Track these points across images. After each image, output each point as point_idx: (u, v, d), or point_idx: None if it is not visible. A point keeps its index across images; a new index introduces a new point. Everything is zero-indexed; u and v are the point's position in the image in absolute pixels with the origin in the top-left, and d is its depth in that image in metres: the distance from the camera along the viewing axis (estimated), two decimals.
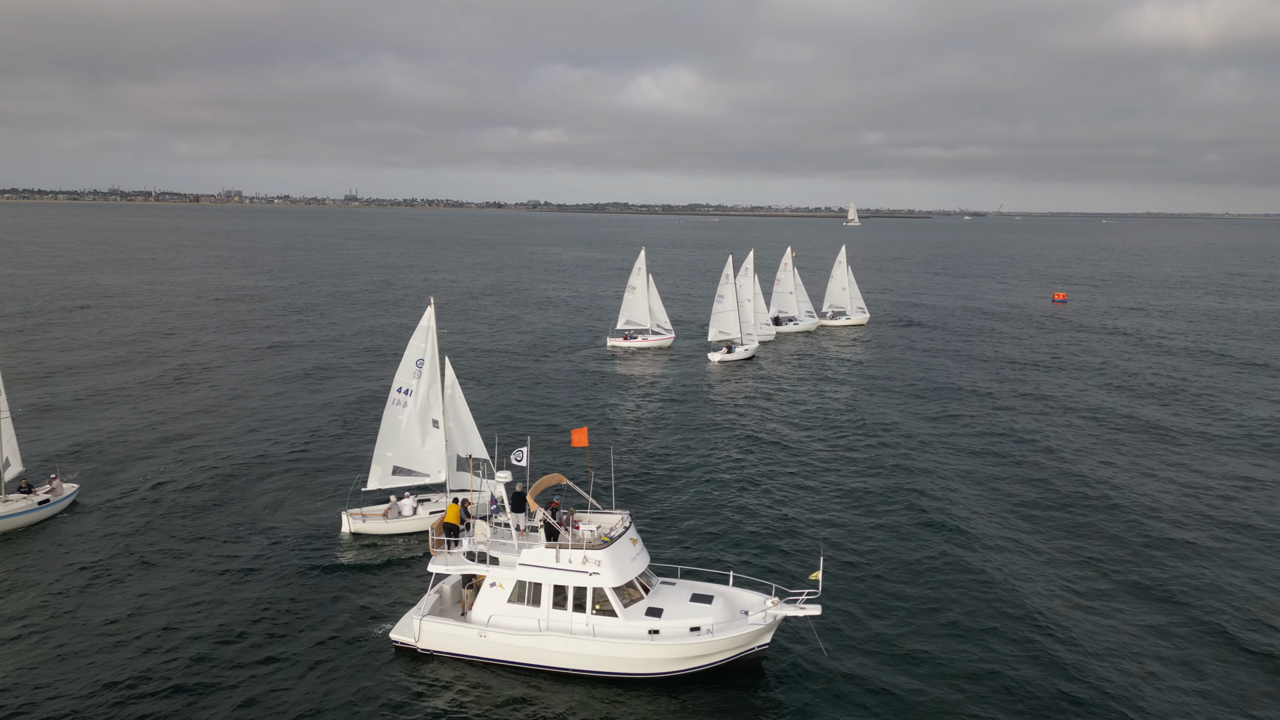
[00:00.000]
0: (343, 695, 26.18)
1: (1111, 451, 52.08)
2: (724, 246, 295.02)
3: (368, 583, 33.71)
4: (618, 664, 26.93)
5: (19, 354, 76.97)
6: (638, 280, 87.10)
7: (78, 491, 41.64)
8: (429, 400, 38.08)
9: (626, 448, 51.51)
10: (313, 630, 29.90)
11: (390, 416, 38.48)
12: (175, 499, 42.12)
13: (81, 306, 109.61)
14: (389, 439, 38.43)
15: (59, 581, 33.44)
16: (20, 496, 38.89)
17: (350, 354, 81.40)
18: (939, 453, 51.33)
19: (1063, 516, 41.46)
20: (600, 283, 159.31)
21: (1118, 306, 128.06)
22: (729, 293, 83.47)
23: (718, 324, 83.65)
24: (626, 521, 29.48)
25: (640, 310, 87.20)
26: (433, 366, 37.99)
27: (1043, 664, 28.18)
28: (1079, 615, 31.55)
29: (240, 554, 35.95)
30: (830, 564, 34.45)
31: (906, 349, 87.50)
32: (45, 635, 29.43)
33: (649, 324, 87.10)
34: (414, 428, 38.14)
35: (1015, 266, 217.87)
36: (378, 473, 38.62)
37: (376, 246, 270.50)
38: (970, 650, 28.97)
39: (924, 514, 41.07)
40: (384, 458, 38.47)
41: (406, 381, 38.11)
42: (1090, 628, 30.64)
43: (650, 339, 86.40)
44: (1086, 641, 29.63)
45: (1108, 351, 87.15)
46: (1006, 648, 29.13)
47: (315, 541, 37.31)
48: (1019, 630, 30.22)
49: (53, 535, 37.73)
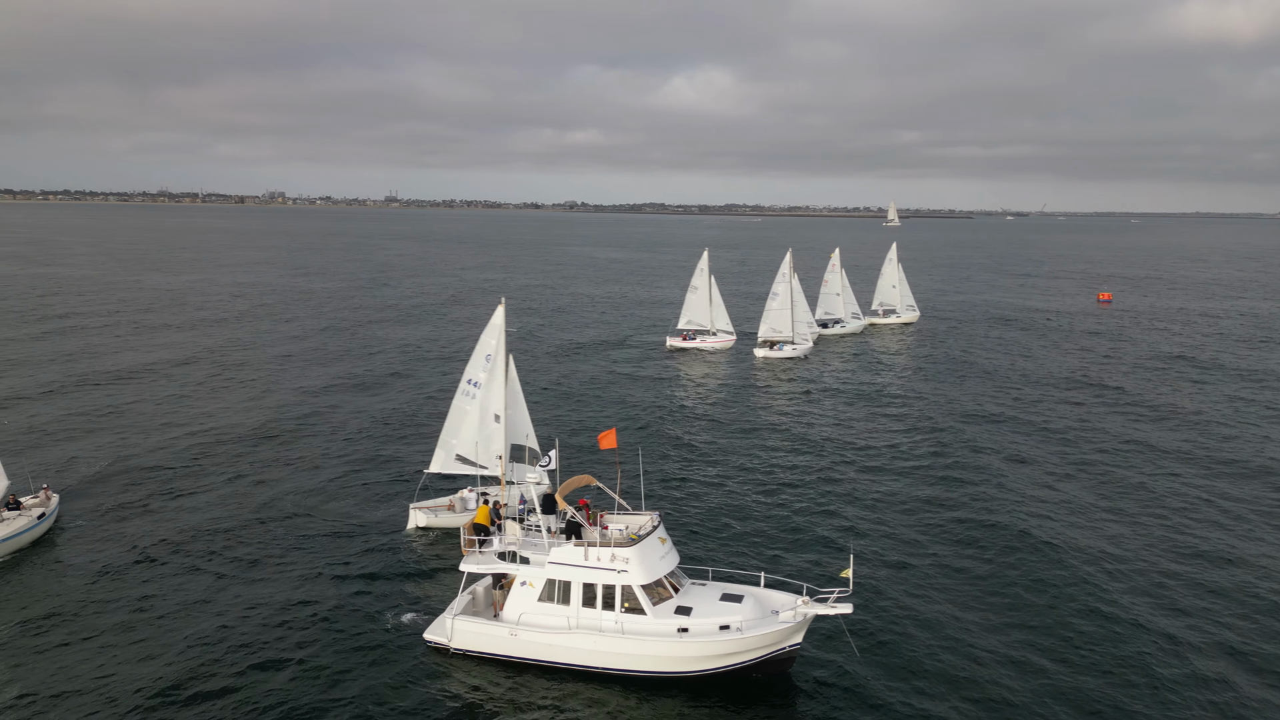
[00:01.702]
0: (376, 693, 26.51)
1: (1161, 457, 51.02)
2: (770, 246, 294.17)
3: (421, 578, 34.17)
4: (647, 662, 26.96)
5: (58, 352, 78.99)
6: (700, 281, 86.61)
7: (59, 502, 39.97)
8: (494, 395, 39.28)
9: (663, 448, 51.54)
10: (363, 625, 30.35)
11: (458, 405, 39.84)
12: (229, 495, 42.95)
13: (145, 307, 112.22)
14: (455, 426, 39.78)
15: (124, 590, 34.23)
16: (14, 514, 36.81)
17: (416, 355, 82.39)
18: (986, 456, 50.60)
19: (1118, 524, 40.66)
20: (651, 284, 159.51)
21: (1166, 307, 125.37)
22: (783, 290, 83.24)
23: (770, 321, 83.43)
24: (655, 521, 29.52)
25: (701, 311, 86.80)
26: (499, 363, 39.10)
27: (1082, 667, 27.71)
28: (1126, 630, 30.96)
29: (307, 549, 36.53)
30: (867, 565, 34.18)
31: (954, 349, 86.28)
32: (120, 636, 30.18)
33: (710, 325, 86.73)
34: (478, 420, 39.50)
35: (1056, 266, 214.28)
36: (440, 457, 39.91)
37: (429, 248, 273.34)
38: (1003, 654, 28.56)
39: (967, 517, 40.56)
40: (448, 444, 39.81)
41: (476, 374, 39.41)
42: (1149, 648, 30.06)
43: (710, 340, 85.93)
44: (1130, 657, 29.07)
45: (1160, 350, 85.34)
46: (1042, 656, 28.68)
47: (379, 537, 38.10)
48: (1054, 634, 29.75)
49: (92, 548, 38.58)
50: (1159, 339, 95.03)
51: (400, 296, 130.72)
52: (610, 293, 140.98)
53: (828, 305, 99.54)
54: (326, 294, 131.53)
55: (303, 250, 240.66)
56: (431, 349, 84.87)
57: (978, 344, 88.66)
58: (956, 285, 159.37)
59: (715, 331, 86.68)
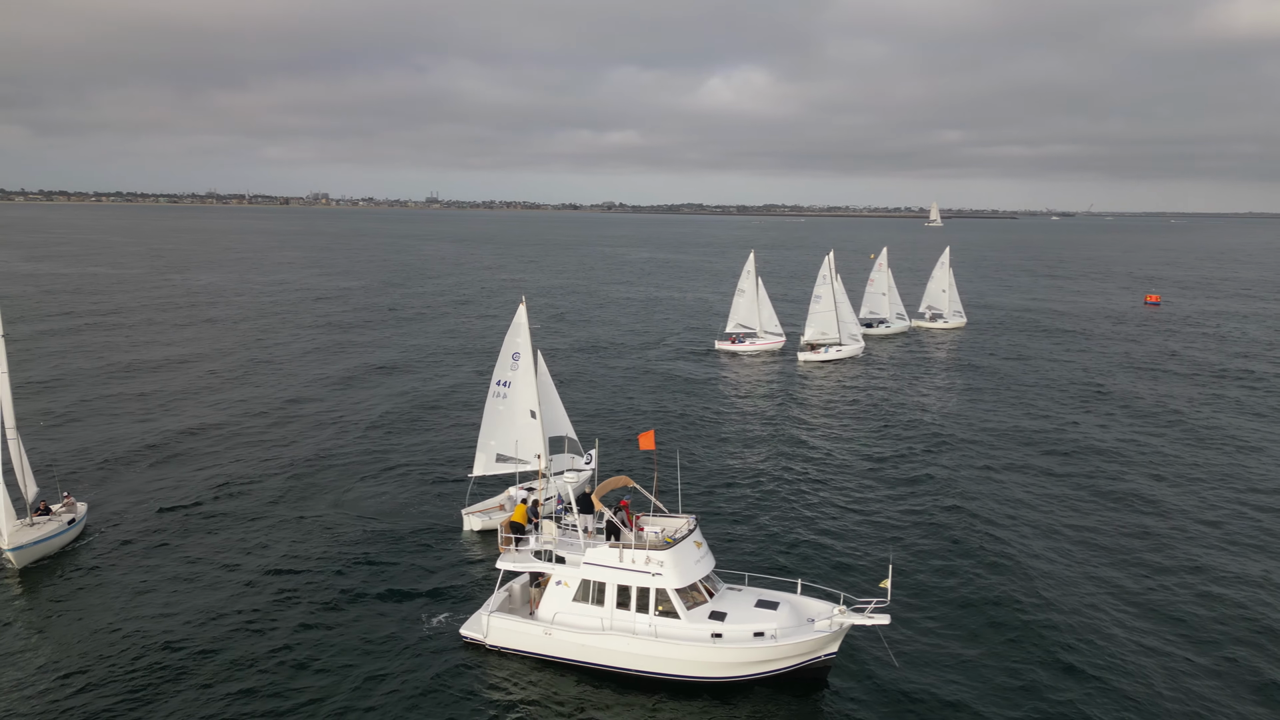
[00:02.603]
0: (412, 687, 26.70)
1: (1229, 481, 49.70)
2: (808, 248, 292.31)
3: (462, 575, 34.44)
4: (680, 666, 26.82)
5: (93, 348, 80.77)
6: (747, 283, 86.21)
7: (88, 510, 39.75)
8: (526, 392, 39.82)
9: (702, 450, 51.33)
10: (402, 619, 30.62)
11: (491, 408, 40.54)
12: (270, 495, 43.63)
13: (185, 306, 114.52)
14: (491, 428, 40.48)
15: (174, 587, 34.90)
16: (44, 519, 37.03)
17: (459, 353, 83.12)
18: (1030, 474, 49.73)
19: (1160, 556, 39.70)
20: (689, 284, 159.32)
21: (1218, 310, 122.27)
22: (826, 292, 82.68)
23: (815, 324, 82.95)
24: (691, 524, 29.37)
25: (749, 313, 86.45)
26: (527, 360, 39.76)
27: (1130, 674, 27.05)
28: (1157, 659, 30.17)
29: (365, 553, 36.96)
30: (908, 579, 33.71)
31: (1004, 359, 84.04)
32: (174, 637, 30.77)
33: (758, 327, 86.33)
34: (513, 418, 40.15)
35: (1103, 267, 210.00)
36: (482, 460, 40.59)
37: (472, 249, 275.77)
38: (1041, 676, 27.99)
39: (998, 535, 39.87)
40: (487, 446, 40.50)
41: (504, 374, 40.12)
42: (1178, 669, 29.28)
43: (759, 342, 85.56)
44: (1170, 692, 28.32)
45: (1216, 359, 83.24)
46: (1084, 684, 28.05)
47: (424, 534, 38.46)
48: (1093, 661, 29.08)
49: (124, 548, 39.33)
50: (1212, 345, 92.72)
51: (441, 291, 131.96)
52: (646, 294, 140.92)
53: (873, 305, 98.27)
54: (366, 294, 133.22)
55: (343, 251, 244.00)
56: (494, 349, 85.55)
57: (1027, 353, 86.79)
58: (1000, 287, 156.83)
59: (763, 333, 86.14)
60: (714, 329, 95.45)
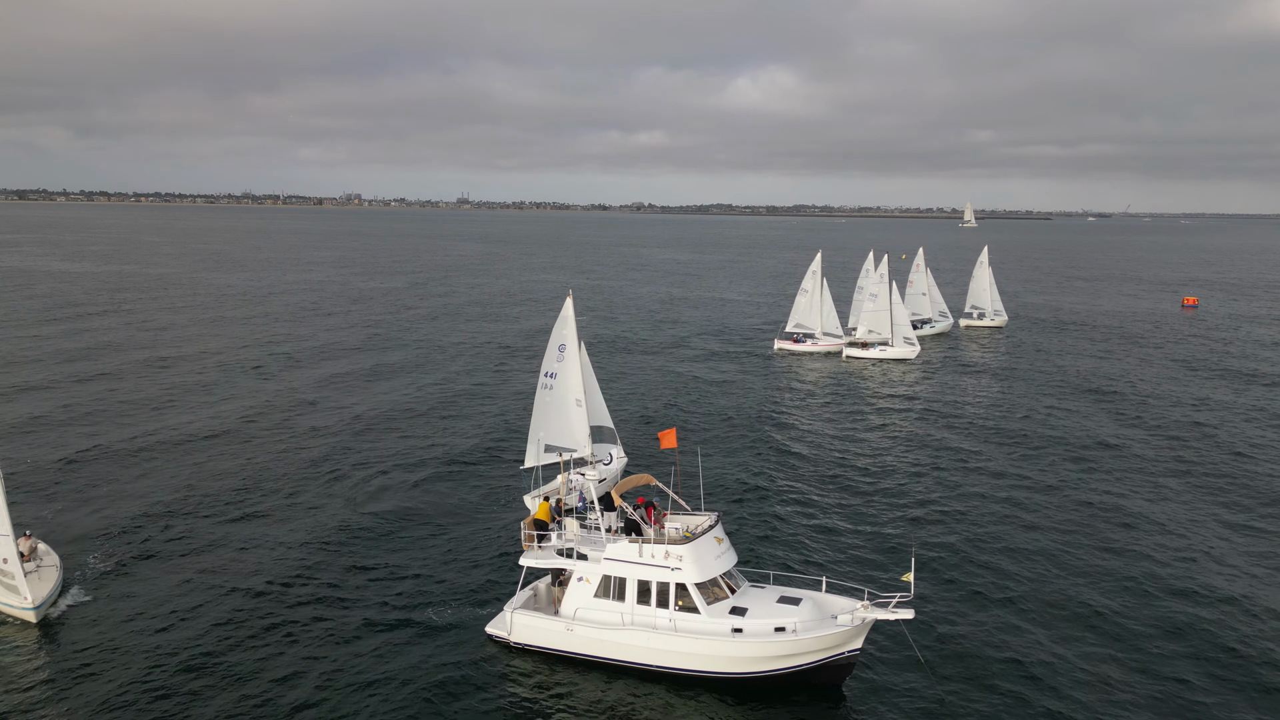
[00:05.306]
0: (437, 684, 26.91)
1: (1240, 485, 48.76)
2: (848, 250, 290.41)
3: (493, 571, 34.65)
4: (701, 661, 26.79)
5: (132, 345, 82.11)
6: (810, 283, 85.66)
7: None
8: (572, 382, 40.75)
9: (733, 447, 51.22)
10: (429, 615, 30.93)
11: (540, 399, 41.50)
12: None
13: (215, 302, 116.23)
14: (541, 420, 41.35)
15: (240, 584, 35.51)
16: (33, 565, 31.94)
17: (505, 352, 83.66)
18: (1064, 469, 49.07)
19: (1227, 544, 39.00)
20: (721, 284, 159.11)
21: (1257, 315, 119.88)
22: (882, 291, 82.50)
23: (867, 322, 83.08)
24: (713, 520, 29.34)
25: (811, 314, 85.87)
26: (573, 351, 40.60)
27: (1159, 676, 26.62)
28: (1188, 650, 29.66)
29: (422, 557, 37.40)
30: (935, 575, 33.42)
31: (1048, 358, 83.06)
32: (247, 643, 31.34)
33: (817, 328, 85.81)
34: (560, 408, 41.05)
35: (1139, 269, 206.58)
36: (533, 451, 41.39)
37: (504, 249, 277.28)
38: (1075, 666, 27.63)
39: (1033, 529, 39.40)
40: (536, 438, 41.32)
41: (551, 366, 41.04)
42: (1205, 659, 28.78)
43: (819, 343, 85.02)
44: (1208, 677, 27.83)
45: (1240, 367, 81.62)
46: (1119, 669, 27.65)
47: (459, 528, 38.79)
48: (1135, 647, 28.66)
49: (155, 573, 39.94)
50: (1250, 349, 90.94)
51: (479, 295, 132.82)
52: (685, 294, 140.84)
53: (914, 305, 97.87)
54: (399, 292, 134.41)
55: (388, 253, 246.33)
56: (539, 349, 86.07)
57: (1071, 352, 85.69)
58: (1038, 288, 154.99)
59: (822, 334, 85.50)
60: (745, 328, 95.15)
